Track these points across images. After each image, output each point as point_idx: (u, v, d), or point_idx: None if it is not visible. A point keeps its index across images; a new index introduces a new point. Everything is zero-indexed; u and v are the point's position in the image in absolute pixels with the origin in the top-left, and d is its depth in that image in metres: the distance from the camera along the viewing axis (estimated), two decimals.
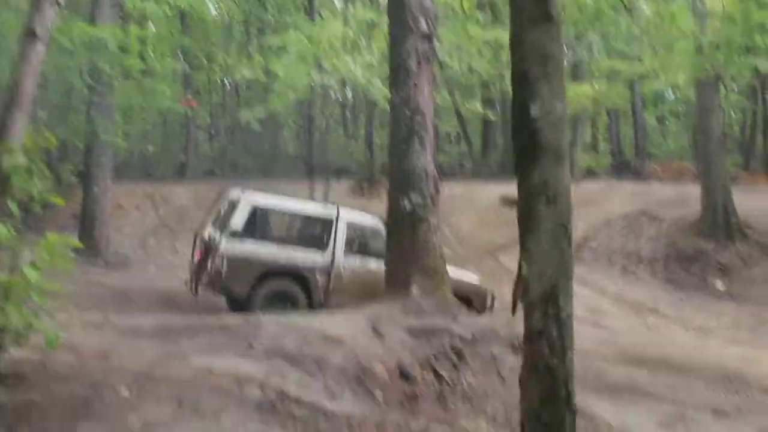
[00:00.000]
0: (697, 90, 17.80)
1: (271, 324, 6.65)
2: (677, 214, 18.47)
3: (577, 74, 25.18)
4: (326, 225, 9.81)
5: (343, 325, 7.07)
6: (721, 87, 22.74)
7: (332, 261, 9.61)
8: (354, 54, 16.02)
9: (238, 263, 9.10)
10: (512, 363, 6.95)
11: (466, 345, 7.29)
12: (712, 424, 7.16)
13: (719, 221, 16.70)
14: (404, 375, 6.34)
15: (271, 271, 9.33)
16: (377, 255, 9.46)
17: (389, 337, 7.01)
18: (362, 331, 7.01)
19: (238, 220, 9.25)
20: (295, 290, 9.40)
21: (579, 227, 18.77)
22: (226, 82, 32.47)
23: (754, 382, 9.75)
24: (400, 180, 8.60)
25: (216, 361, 5.58)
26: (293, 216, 10.52)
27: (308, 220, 10.24)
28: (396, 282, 8.35)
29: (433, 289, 8.16)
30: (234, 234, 9.17)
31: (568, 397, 3.44)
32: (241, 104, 29.26)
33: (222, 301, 10.15)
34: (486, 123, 28.28)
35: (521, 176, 3.54)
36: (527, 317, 3.51)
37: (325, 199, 16.32)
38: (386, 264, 8.68)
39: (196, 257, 9.83)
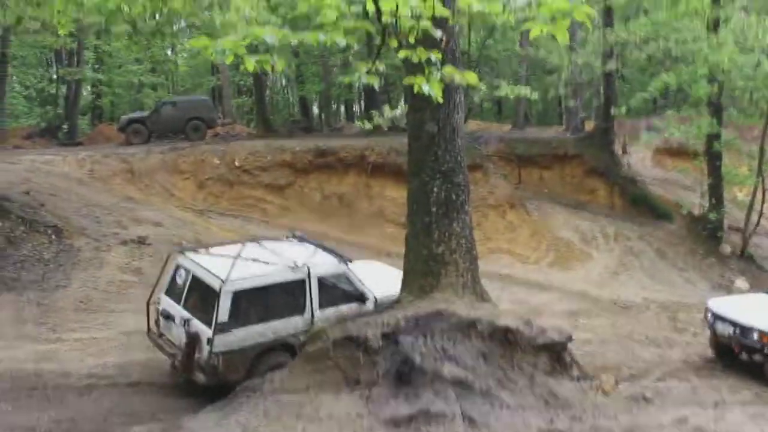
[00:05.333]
0: None
1: None
2: None
3: None
4: (300, 287, 9.91)
5: None
6: None
7: (311, 320, 9.82)
8: None
9: (231, 355, 9.23)
10: None
11: None
12: None
13: None
14: None
15: (264, 351, 9.55)
16: (345, 299, 10.19)
17: None
18: None
19: (223, 312, 9.18)
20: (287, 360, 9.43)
21: None
22: None
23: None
24: None
25: None
26: (270, 288, 9.91)
27: (283, 287, 9.95)
28: None
29: None
30: (222, 328, 9.14)
31: None
32: None
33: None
34: None
35: None
36: None
37: None
38: None
39: (179, 344, 9.67)
